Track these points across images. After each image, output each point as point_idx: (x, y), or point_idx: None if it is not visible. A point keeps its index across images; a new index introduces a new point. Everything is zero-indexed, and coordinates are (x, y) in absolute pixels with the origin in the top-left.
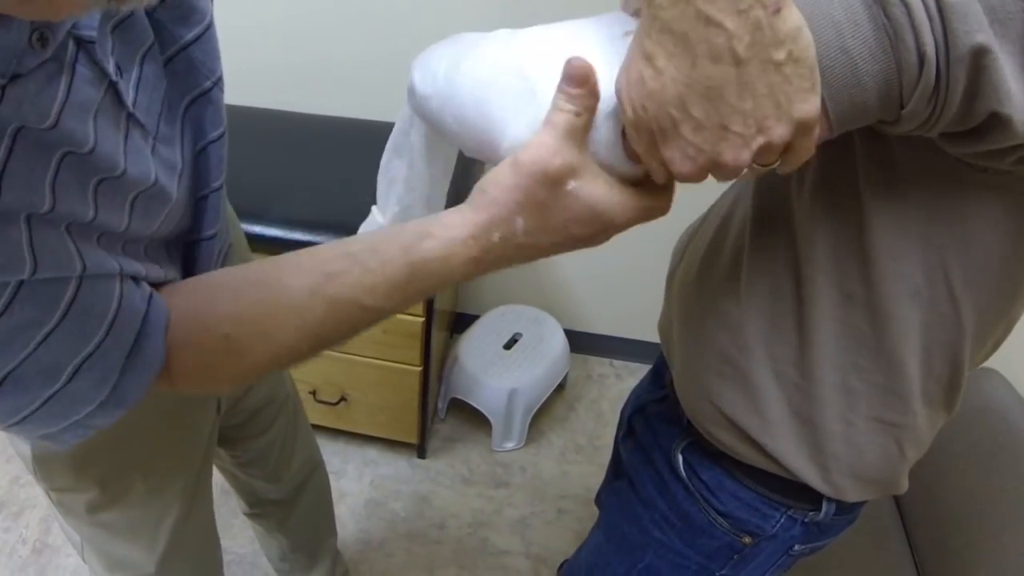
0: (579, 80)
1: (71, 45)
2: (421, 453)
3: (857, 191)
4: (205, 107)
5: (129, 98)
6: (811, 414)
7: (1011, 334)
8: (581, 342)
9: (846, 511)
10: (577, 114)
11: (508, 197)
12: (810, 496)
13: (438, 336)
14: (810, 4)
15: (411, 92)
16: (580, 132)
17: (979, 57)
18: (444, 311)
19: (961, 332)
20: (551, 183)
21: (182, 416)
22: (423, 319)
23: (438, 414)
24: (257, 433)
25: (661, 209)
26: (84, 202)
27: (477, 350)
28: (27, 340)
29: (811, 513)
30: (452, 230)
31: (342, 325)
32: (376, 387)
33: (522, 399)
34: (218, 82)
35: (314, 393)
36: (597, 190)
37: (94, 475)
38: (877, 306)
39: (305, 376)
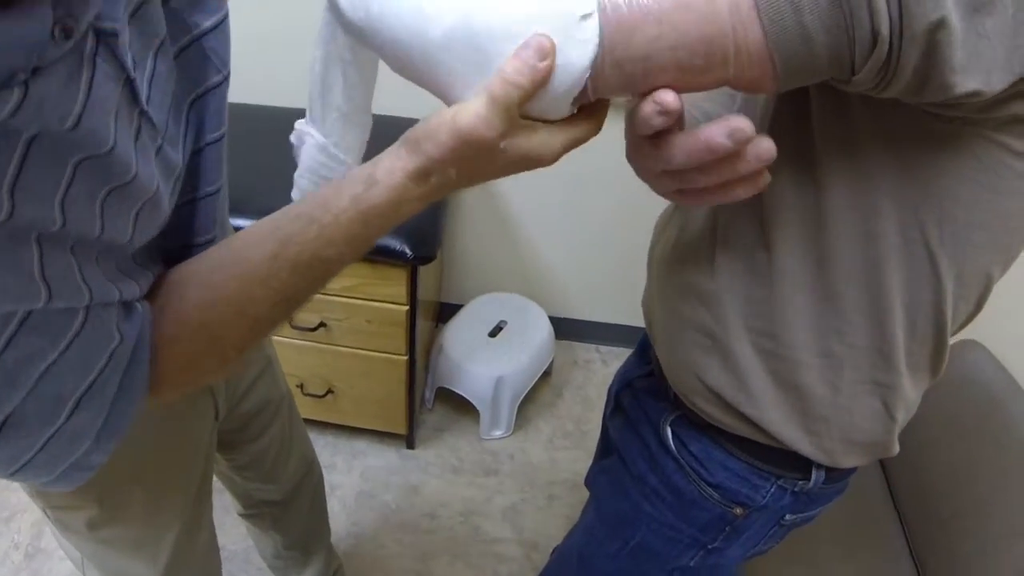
0: (542, 54)
1: (91, 38)
2: (410, 443)
3: (815, 152)
4: (209, 103)
5: (143, 95)
6: (796, 381)
7: (993, 307)
8: (566, 328)
9: (835, 479)
10: (524, 87)
11: (442, 153)
12: (799, 465)
13: (423, 325)
14: None
15: (335, 9)
16: (518, 106)
17: (934, 33)
18: (428, 301)
19: (941, 289)
20: (487, 150)
21: (179, 426)
22: (407, 308)
23: (425, 404)
24: (254, 437)
25: (591, 133)
26: (92, 217)
27: (462, 338)
28: (30, 374)
29: (800, 482)
30: (394, 176)
31: (309, 282)
32: (362, 378)
33: (509, 386)
34: (227, 76)
35: (301, 387)
36: (528, 141)
37: (92, 491)
38: (852, 268)
39: (292, 369)
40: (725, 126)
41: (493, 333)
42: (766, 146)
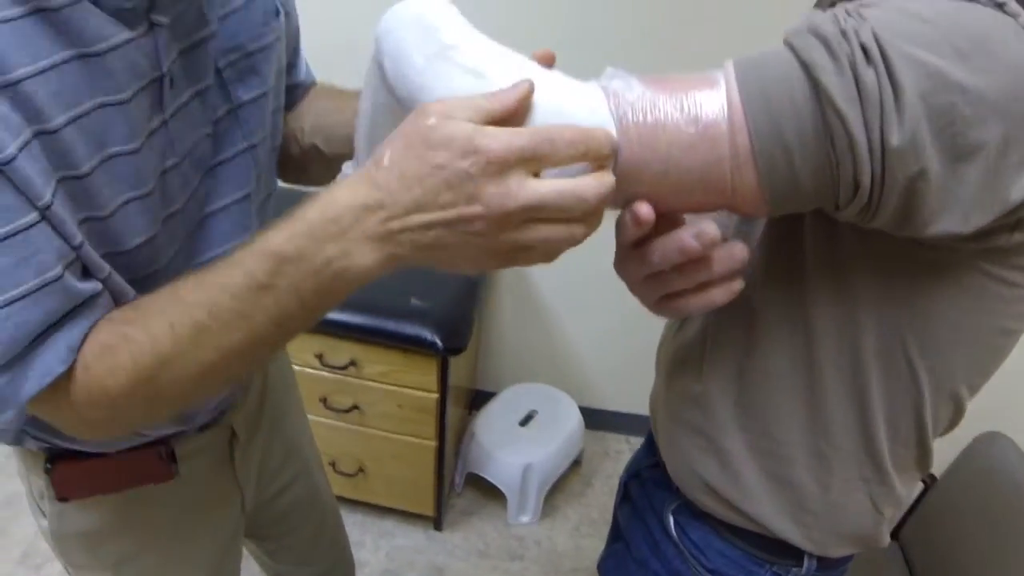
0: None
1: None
2: (438, 525)
3: (804, 266)
4: (231, 169)
5: (167, 111)
6: (788, 478)
7: (1015, 398)
8: (598, 419)
9: (828, 567)
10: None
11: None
12: (792, 552)
13: (455, 412)
14: (768, 117)
15: (380, 68)
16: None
17: (913, 182)
18: (461, 388)
19: (921, 399)
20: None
21: (202, 512)
22: (437, 396)
23: (455, 488)
24: (288, 532)
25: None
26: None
27: (493, 426)
28: None
29: (794, 569)
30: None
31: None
32: (393, 460)
33: (536, 474)
34: (254, 145)
35: (333, 464)
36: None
37: (108, 557)
38: (836, 376)
39: (324, 447)
40: (693, 229)
41: (524, 422)
42: (737, 250)
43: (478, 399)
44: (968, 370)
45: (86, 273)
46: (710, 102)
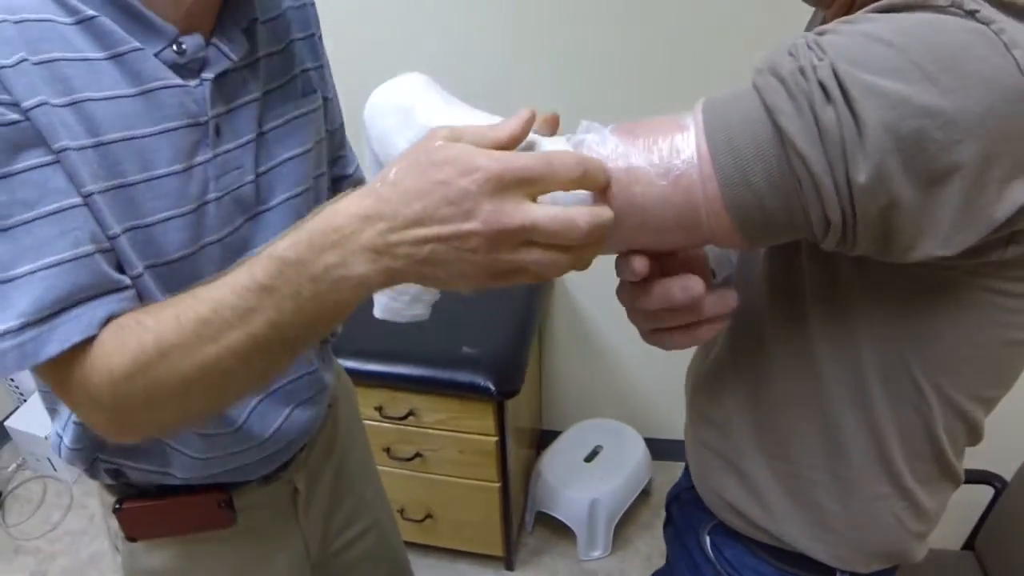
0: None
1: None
2: (509, 565)
3: (803, 290)
4: (273, 216)
5: (212, 151)
6: (810, 498)
7: None
8: (665, 449)
9: None
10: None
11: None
12: (824, 568)
13: (520, 453)
14: (735, 164)
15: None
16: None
17: (886, 212)
18: (525, 429)
19: (931, 415)
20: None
21: (265, 562)
22: (496, 439)
23: (525, 527)
24: None
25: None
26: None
27: (559, 464)
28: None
29: None
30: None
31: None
32: (458, 504)
33: (604, 508)
34: (299, 196)
35: (401, 511)
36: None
37: None
38: (844, 396)
39: (391, 495)
40: (679, 282)
41: (589, 458)
42: (728, 298)
43: (545, 439)
44: (978, 383)
45: (120, 269)
46: (680, 152)
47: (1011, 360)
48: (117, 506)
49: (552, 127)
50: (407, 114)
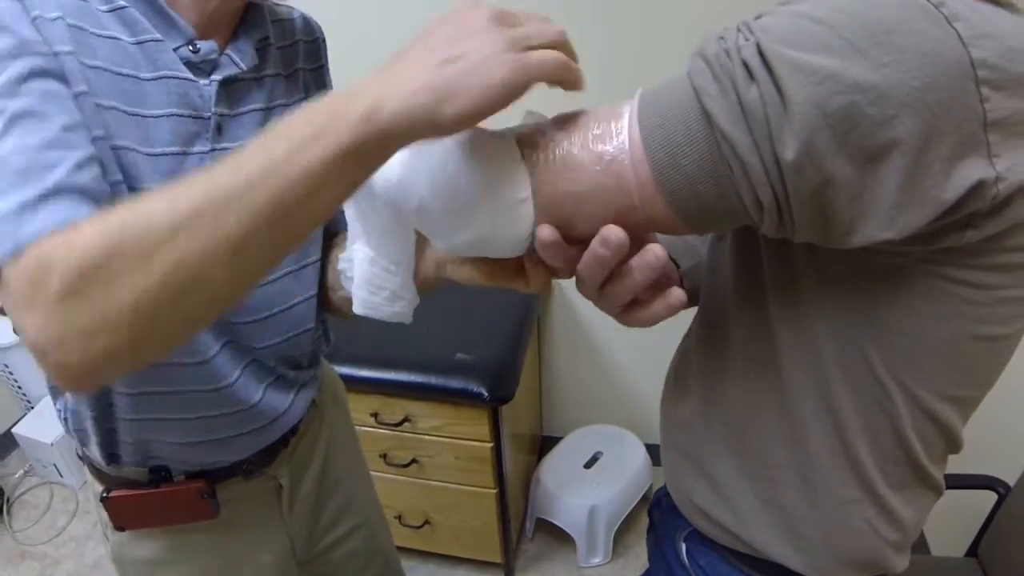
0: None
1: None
2: (508, 572)
3: (763, 283)
4: None
5: (211, 144)
6: (779, 500)
7: None
8: None
9: None
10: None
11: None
12: None
13: (520, 459)
14: (666, 148)
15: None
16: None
17: (820, 192)
18: (525, 435)
19: (897, 414)
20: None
21: (250, 556)
22: (491, 445)
23: (525, 534)
24: None
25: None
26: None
27: (558, 470)
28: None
29: None
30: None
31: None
32: (456, 510)
33: (603, 514)
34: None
35: (399, 518)
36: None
37: None
38: (807, 395)
39: (388, 502)
40: (598, 236)
41: (588, 464)
42: (650, 255)
43: (546, 444)
44: (944, 380)
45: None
46: (613, 138)
47: (982, 356)
48: (105, 495)
49: None
50: None
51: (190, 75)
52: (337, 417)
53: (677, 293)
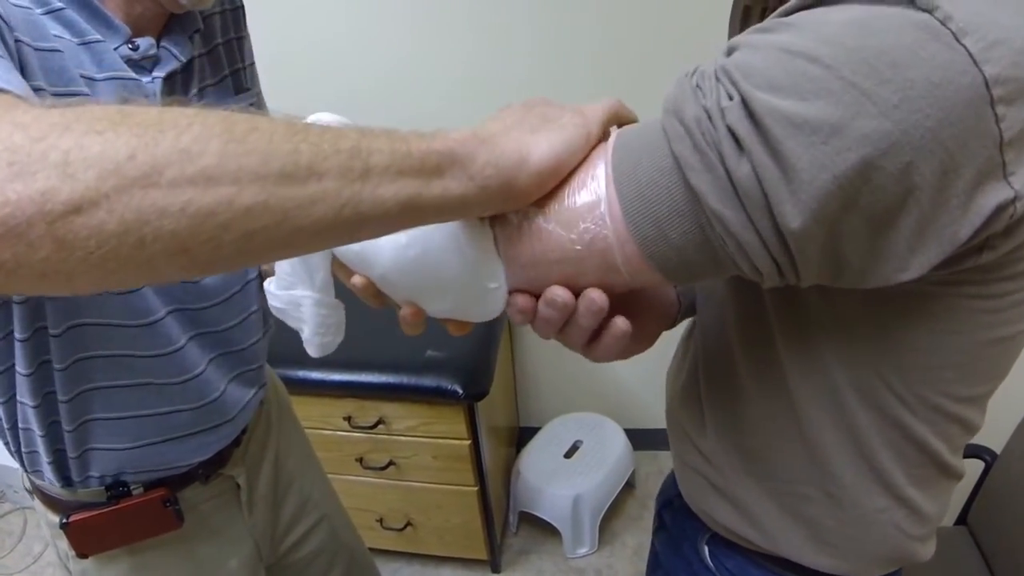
0: None
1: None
2: (495, 568)
3: (767, 309)
4: None
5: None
6: (804, 514)
7: None
8: (647, 439)
9: None
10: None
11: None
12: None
13: (498, 452)
14: (651, 223)
15: None
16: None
17: (831, 247)
18: (502, 428)
19: (918, 426)
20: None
21: (217, 565)
22: (469, 442)
23: (509, 528)
24: None
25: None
26: None
27: (538, 462)
28: None
29: None
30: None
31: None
32: (437, 510)
33: (587, 504)
34: None
35: (381, 521)
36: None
37: None
38: (823, 417)
39: (368, 505)
40: (542, 298)
41: (568, 454)
42: (588, 302)
43: (524, 436)
44: (965, 385)
45: None
46: (591, 210)
47: (1000, 355)
48: (64, 521)
49: None
50: None
51: (133, 74)
52: (282, 415)
53: (619, 323)
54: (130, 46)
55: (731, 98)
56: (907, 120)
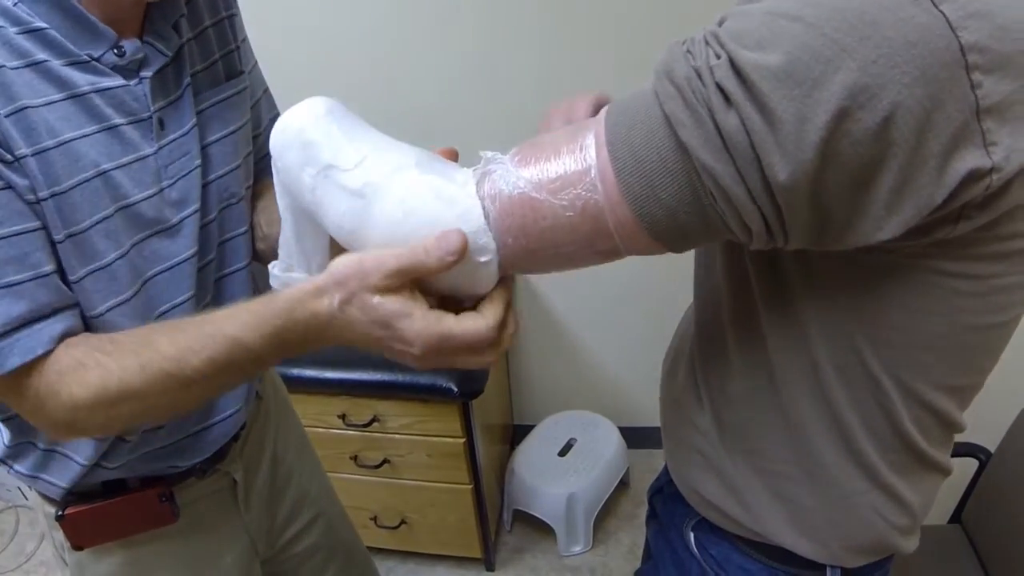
0: (454, 251)
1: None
2: (489, 566)
3: (751, 283)
4: (213, 188)
5: (158, 143)
6: (787, 494)
7: None
8: (641, 437)
9: (859, 573)
10: (428, 265)
11: (339, 272)
12: (813, 564)
13: (492, 450)
14: (643, 184)
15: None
16: (416, 275)
17: (818, 201)
18: (496, 426)
19: (893, 407)
20: (361, 288)
21: (213, 559)
22: (464, 440)
23: (504, 526)
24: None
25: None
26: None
27: (532, 460)
28: None
29: None
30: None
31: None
32: (432, 508)
33: (581, 502)
34: (225, 175)
35: (375, 519)
36: (396, 305)
37: None
38: (802, 393)
39: (363, 503)
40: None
41: (563, 452)
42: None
43: (519, 434)
44: (944, 373)
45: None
46: (582, 176)
47: (979, 345)
48: (60, 514)
49: (451, 158)
50: (311, 149)
51: (120, 80)
52: (280, 410)
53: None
54: (116, 52)
55: (719, 57)
56: (885, 75)
